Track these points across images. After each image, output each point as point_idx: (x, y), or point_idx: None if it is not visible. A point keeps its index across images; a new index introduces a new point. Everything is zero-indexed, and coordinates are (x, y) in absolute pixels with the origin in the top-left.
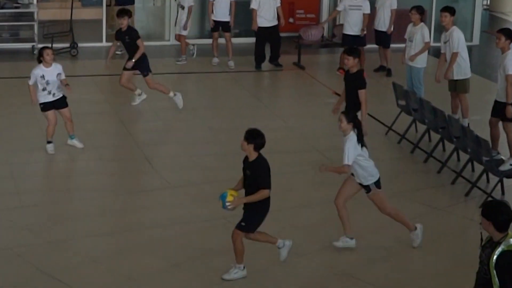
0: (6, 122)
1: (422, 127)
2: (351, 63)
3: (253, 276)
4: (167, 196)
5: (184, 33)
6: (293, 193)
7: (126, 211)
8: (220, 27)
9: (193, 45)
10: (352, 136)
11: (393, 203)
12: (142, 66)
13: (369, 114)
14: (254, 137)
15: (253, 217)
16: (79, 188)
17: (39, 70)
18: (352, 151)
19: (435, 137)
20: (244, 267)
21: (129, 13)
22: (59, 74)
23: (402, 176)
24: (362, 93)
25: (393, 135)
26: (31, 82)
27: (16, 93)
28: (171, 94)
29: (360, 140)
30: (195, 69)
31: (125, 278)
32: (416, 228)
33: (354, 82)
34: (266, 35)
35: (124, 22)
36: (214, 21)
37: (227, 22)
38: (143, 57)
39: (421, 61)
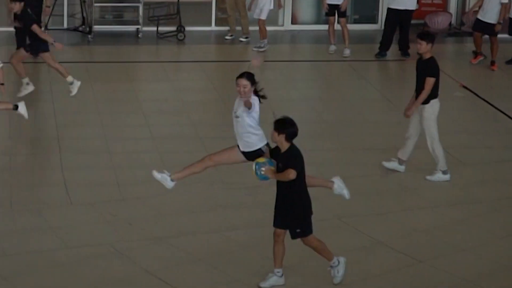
0: (109, 109)
1: None
2: (424, 48)
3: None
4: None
5: (263, 16)
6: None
7: (240, 207)
8: (336, 11)
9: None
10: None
11: None
12: None
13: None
14: (285, 126)
15: (302, 220)
16: (183, 181)
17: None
18: None
19: None
20: (339, 262)
21: None
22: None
23: None
24: (429, 81)
25: None
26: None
27: (120, 78)
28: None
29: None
30: (308, 57)
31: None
32: None
33: (425, 70)
34: (397, 20)
35: None
36: (329, 4)
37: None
38: None
39: None
